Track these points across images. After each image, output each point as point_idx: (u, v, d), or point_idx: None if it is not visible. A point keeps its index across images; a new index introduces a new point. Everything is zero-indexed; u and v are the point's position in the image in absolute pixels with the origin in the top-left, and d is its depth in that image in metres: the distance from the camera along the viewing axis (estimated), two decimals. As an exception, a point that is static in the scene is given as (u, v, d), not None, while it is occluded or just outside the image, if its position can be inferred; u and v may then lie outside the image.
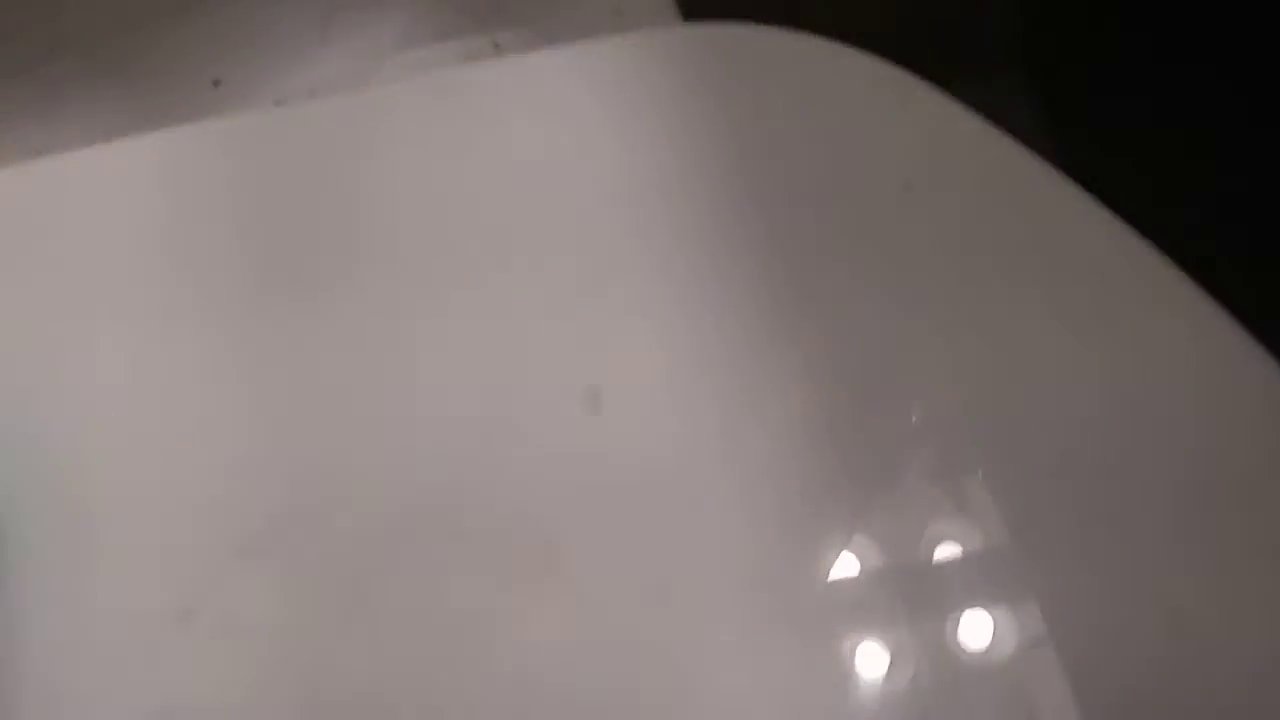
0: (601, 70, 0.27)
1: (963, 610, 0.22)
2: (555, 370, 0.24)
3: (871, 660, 0.21)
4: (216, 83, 0.37)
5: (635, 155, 0.26)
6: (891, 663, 0.21)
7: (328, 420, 0.24)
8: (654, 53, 0.27)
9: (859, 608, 0.22)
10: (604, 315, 0.24)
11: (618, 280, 0.25)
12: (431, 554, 0.22)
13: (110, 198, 0.27)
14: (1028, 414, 0.23)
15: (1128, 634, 0.21)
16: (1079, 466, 0.23)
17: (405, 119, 0.27)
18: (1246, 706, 0.21)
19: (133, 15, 0.36)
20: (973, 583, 0.22)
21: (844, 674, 0.21)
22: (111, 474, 0.24)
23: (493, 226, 0.25)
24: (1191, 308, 0.24)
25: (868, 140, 0.26)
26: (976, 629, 0.22)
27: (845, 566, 0.22)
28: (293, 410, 0.24)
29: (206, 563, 0.23)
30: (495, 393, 0.24)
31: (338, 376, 0.24)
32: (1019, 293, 0.24)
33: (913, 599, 0.22)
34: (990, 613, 0.22)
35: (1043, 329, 0.24)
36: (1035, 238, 0.25)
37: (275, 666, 0.22)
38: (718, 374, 0.24)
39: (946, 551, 0.22)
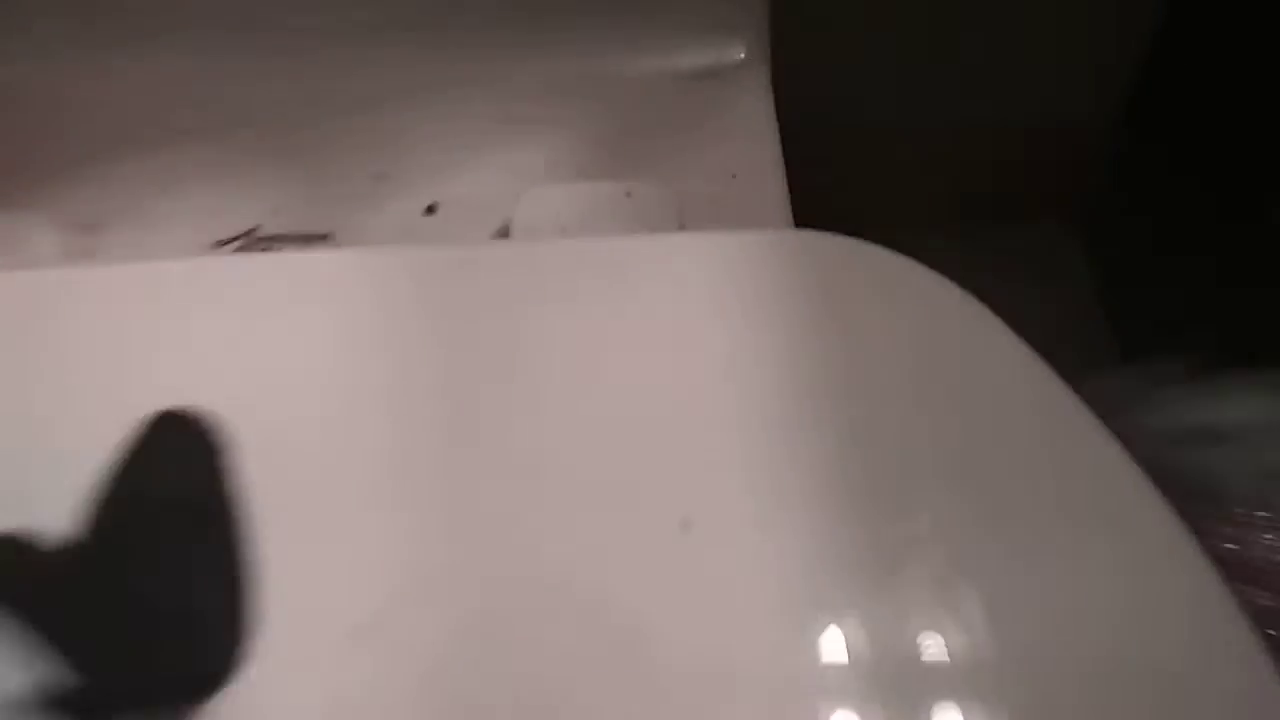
0: (727, 259, 0.32)
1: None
2: (656, 499, 0.28)
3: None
4: (378, 177, 0.41)
5: (743, 336, 0.30)
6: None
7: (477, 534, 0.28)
8: (769, 251, 0.31)
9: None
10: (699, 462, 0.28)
11: (715, 435, 0.29)
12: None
13: (307, 302, 0.32)
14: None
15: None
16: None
17: (565, 276, 0.32)
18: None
19: (314, 106, 0.41)
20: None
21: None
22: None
23: (625, 384, 0.30)
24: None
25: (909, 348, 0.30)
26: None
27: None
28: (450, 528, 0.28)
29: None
30: (608, 514, 0.28)
31: (491, 501, 0.28)
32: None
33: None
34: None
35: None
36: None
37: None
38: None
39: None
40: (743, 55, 0.42)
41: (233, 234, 0.40)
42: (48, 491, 0.26)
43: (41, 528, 0.25)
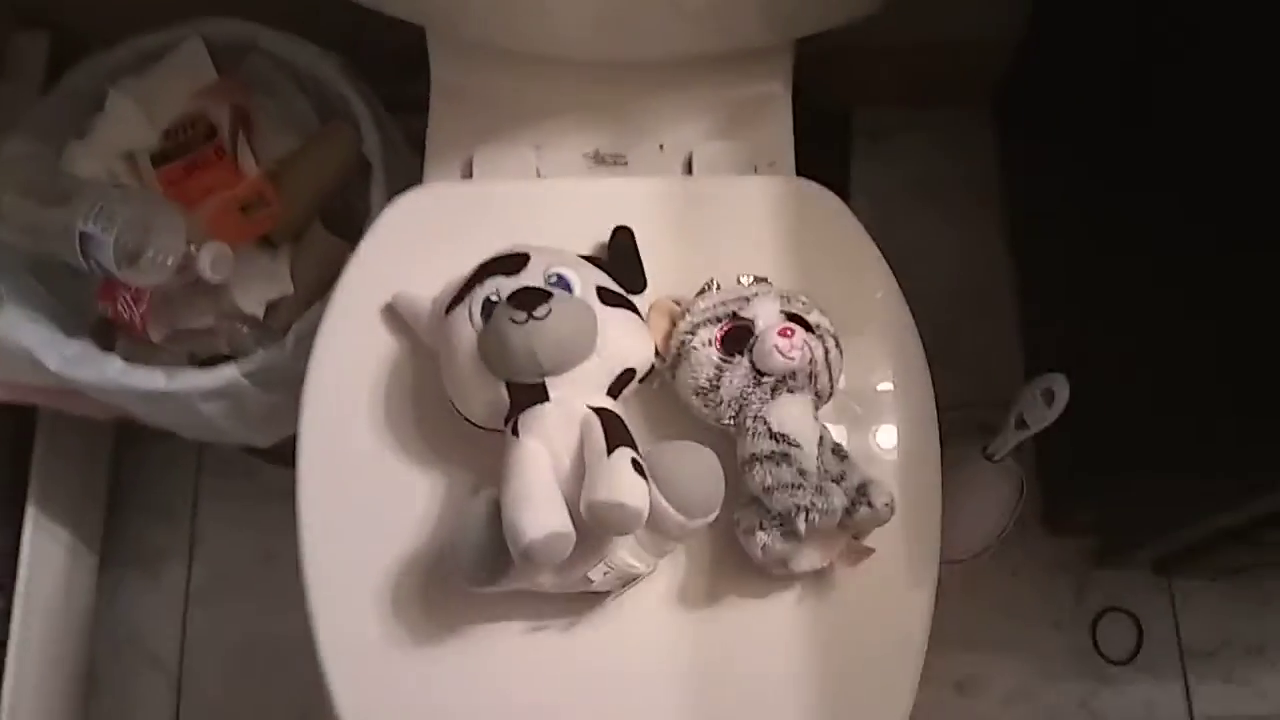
0: (752, 195, 0.82)
1: None
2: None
3: None
4: (642, 130, 0.93)
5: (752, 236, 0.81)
6: None
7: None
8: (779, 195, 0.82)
9: None
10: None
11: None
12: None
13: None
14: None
15: None
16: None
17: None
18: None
19: (616, 87, 0.94)
20: None
21: None
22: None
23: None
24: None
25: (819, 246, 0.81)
26: None
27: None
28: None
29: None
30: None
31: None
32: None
33: None
34: None
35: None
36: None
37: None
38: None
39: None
40: (779, 89, 0.90)
41: (589, 151, 0.92)
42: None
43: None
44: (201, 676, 1.25)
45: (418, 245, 0.81)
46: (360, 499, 0.74)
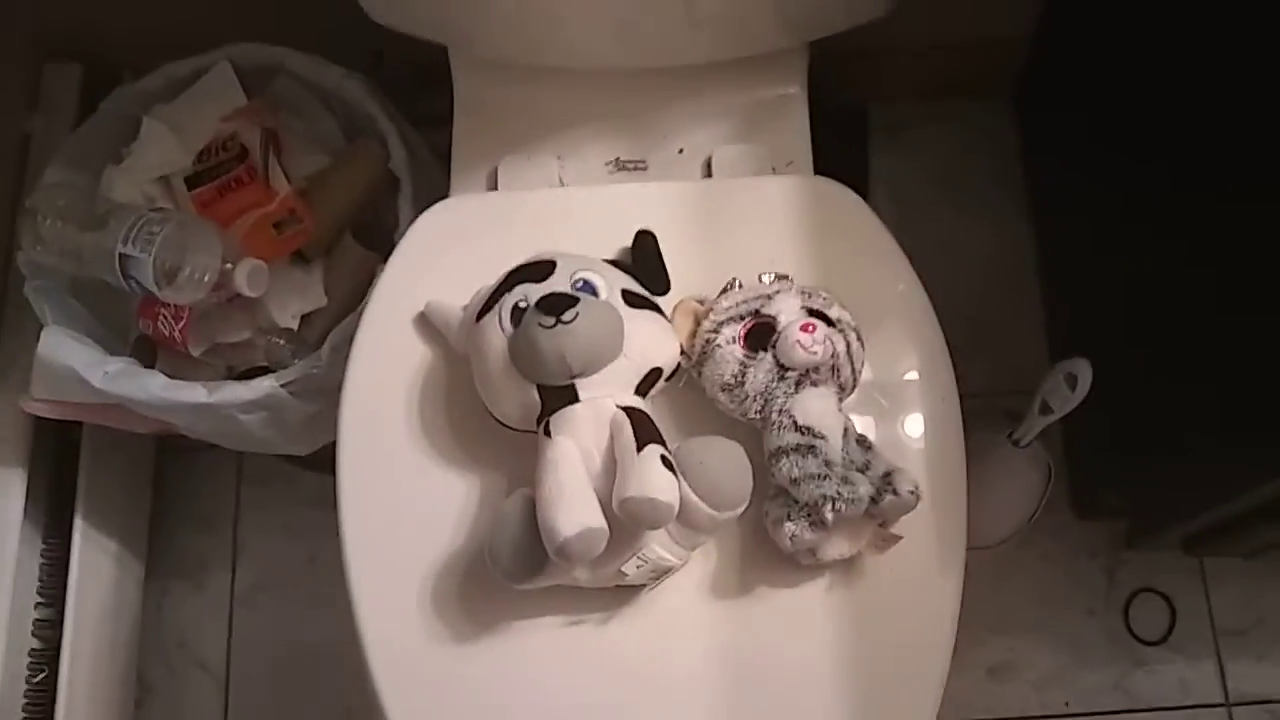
0: (773, 195, 0.84)
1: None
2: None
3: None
4: (662, 135, 0.96)
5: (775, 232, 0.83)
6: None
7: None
8: (794, 189, 0.84)
9: None
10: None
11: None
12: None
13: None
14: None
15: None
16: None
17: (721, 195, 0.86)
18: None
19: (635, 95, 0.96)
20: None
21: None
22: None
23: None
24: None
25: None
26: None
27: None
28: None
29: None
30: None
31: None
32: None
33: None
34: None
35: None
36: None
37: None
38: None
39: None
40: (795, 90, 0.93)
41: (610, 159, 0.94)
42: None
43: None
44: (248, 679, 1.28)
45: (447, 255, 0.84)
46: (399, 501, 0.76)
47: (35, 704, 1.09)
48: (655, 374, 0.73)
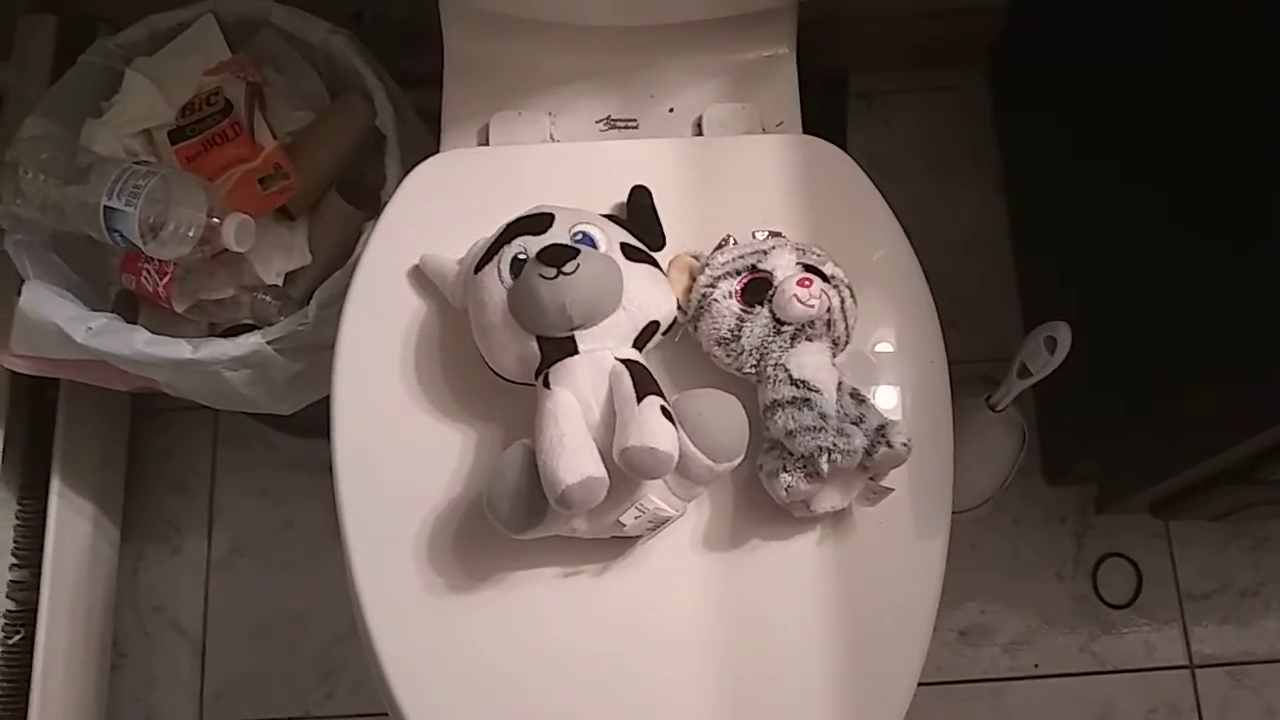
0: (764, 153, 0.85)
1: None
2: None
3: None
4: (653, 96, 0.96)
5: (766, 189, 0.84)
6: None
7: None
8: (784, 148, 0.85)
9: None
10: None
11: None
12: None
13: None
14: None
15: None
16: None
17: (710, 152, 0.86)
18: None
19: (628, 55, 0.96)
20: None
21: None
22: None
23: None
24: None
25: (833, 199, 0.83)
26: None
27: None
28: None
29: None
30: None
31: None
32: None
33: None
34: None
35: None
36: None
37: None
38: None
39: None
40: (785, 51, 0.93)
41: (602, 117, 0.94)
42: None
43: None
44: (224, 642, 1.28)
45: (440, 210, 0.84)
46: (395, 455, 0.76)
47: (11, 665, 1.09)
48: (653, 327, 0.73)
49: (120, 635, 1.27)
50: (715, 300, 0.74)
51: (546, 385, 0.70)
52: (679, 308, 0.76)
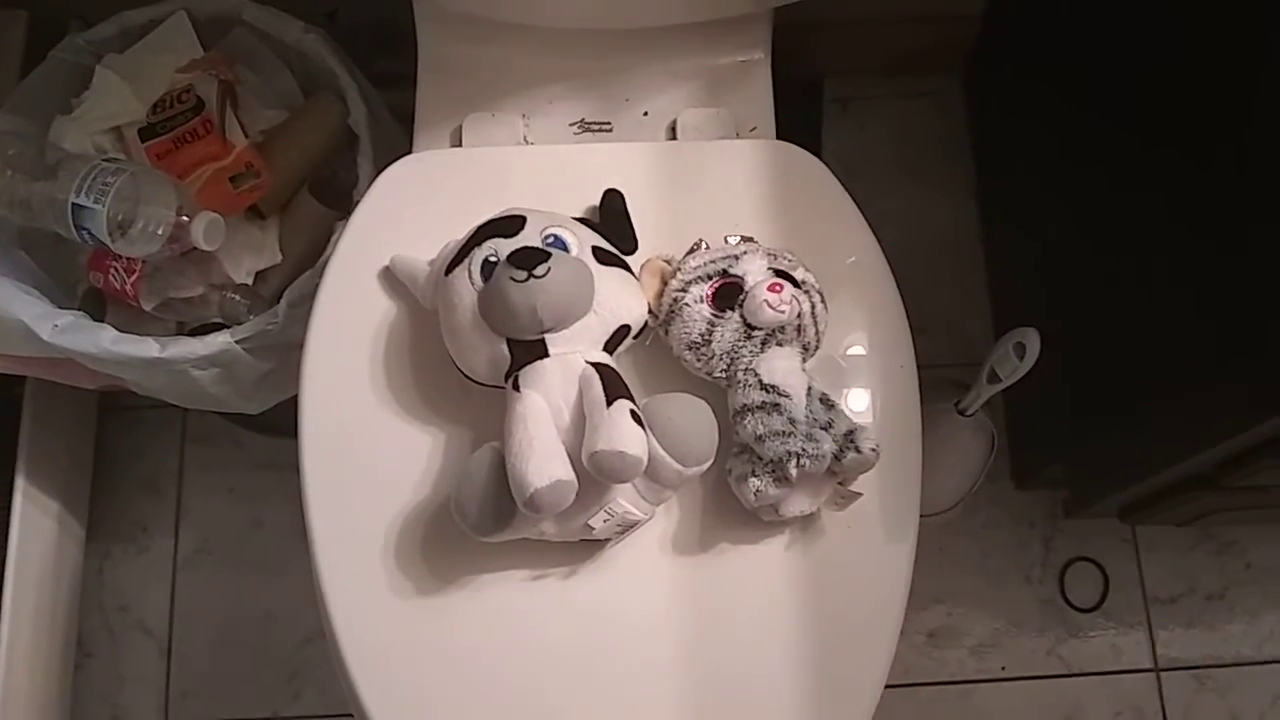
0: (738, 156, 0.85)
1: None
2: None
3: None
4: (627, 100, 0.96)
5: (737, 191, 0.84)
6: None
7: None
8: (757, 153, 0.85)
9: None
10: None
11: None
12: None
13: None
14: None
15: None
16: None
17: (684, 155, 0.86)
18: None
19: (601, 60, 0.96)
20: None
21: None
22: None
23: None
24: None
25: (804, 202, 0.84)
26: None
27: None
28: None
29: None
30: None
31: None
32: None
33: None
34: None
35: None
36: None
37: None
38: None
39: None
40: (759, 56, 0.93)
41: (576, 119, 0.94)
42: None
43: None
44: (191, 644, 1.27)
45: (412, 211, 0.83)
46: (363, 456, 0.76)
47: (-26, 664, 1.07)
48: (623, 331, 0.73)
49: (86, 635, 1.26)
50: (686, 305, 0.74)
51: (516, 388, 0.70)
52: (650, 312, 0.76)
